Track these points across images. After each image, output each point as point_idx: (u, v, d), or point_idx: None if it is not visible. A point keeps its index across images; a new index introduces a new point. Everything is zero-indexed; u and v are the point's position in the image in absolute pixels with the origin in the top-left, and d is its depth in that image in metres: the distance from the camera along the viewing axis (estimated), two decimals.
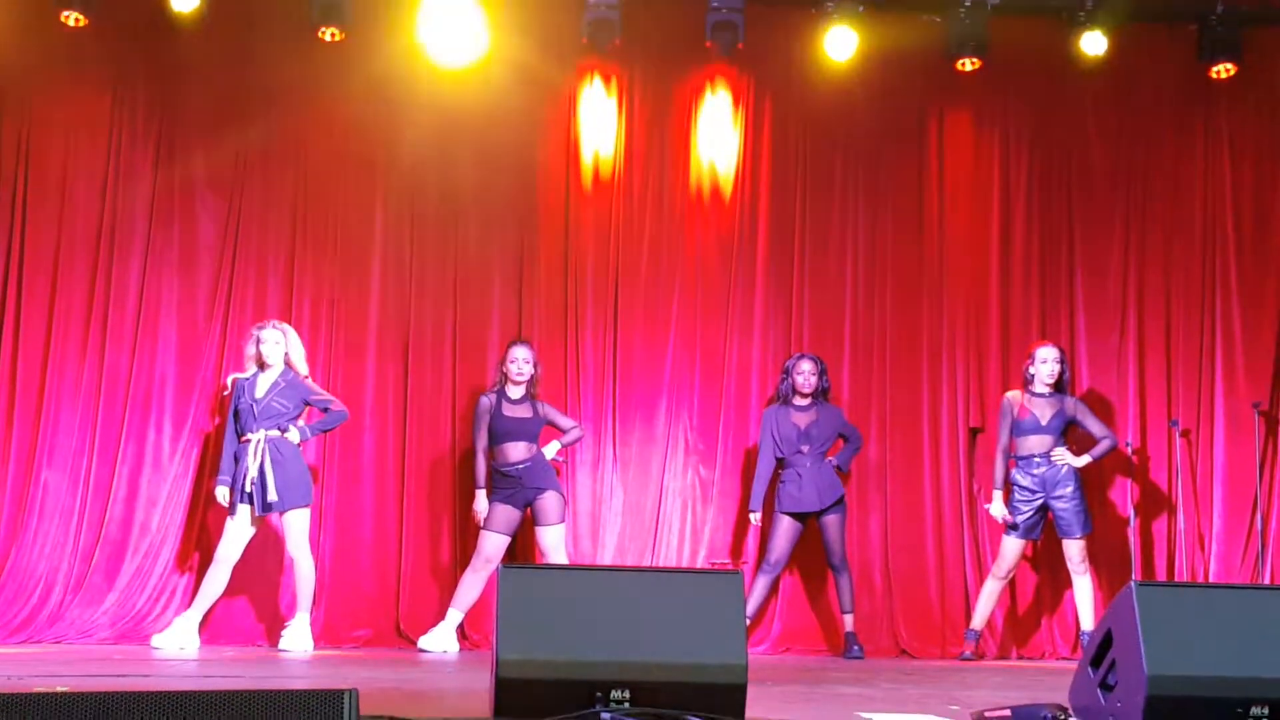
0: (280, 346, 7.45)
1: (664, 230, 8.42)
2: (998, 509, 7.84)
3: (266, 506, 7.27)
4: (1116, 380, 8.48)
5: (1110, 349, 8.50)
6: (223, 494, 7.34)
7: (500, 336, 8.13)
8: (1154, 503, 8.37)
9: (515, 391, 7.68)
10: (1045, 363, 7.83)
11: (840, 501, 7.88)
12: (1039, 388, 7.85)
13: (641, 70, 8.48)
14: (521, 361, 7.66)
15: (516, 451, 7.63)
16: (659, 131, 8.47)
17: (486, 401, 7.71)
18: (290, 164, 8.14)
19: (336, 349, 8.06)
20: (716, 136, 8.50)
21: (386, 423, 8.05)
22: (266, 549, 7.66)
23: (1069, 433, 7.87)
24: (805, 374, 7.95)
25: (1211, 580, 8.02)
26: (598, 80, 8.41)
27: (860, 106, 8.55)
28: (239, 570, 7.40)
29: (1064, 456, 7.75)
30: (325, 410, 7.55)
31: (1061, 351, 7.93)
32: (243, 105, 8.12)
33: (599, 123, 8.43)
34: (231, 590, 7.48)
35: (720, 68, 8.49)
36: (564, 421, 7.85)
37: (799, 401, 7.97)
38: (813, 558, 8.06)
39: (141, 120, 8.06)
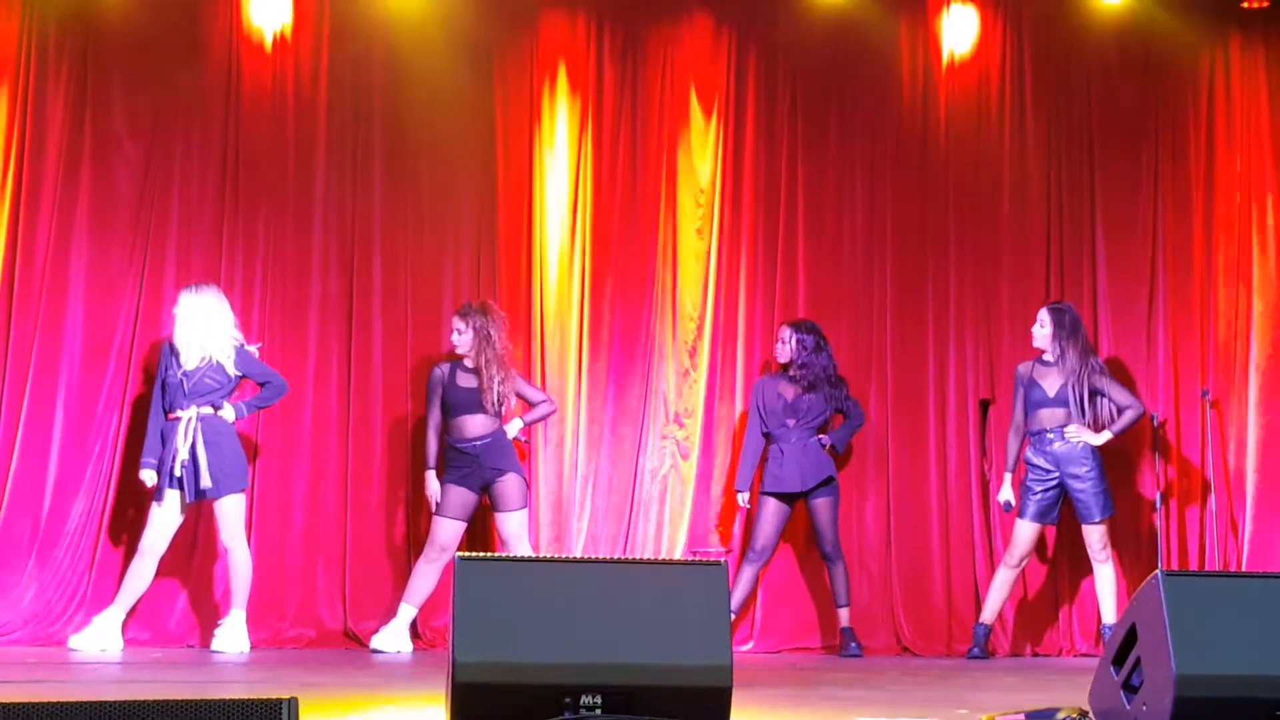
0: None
1: (639, 181, 8.40)
2: (1003, 493, 7.87)
3: (199, 493, 7.25)
4: (1146, 347, 8.49)
5: (1138, 312, 8.51)
6: (149, 477, 7.31)
7: (455, 295, 8.13)
8: (1183, 482, 8.42)
9: (471, 360, 7.68)
10: (1041, 325, 7.84)
11: (829, 482, 7.89)
12: (1047, 355, 7.85)
13: (611, 10, 8.46)
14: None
15: (474, 425, 7.62)
16: (631, 74, 8.44)
17: (439, 372, 7.71)
18: (219, 108, 8.07)
19: (272, 313, 8.02)
20: (696, 80, 8.48)
21: (329, 394, 8.02)
22: (197, 539, 7.66)
23: (1093, 404, 7.83)
24: (783, 343, 7.97)
25: (1245, 569, 8.08)
26: (563, 19, 8.38)
27: (856, 45, 8.54)
28: (166, 562, 7.39)
29: (1079, 434, 7.73)
30: (263, 384, 7.54)
31: (1062, 308, 7.90)
32: (167, 43, 8.05)
33: (567, 61, 8.40)
34: (158, 585, 7.47)
35: (699, 8, 8.47)
36: (533, 394, 7.84)
37: (794, 372, 7.98)
38: (804, 545, 8.10)
39: (52, 59, 7.97)
